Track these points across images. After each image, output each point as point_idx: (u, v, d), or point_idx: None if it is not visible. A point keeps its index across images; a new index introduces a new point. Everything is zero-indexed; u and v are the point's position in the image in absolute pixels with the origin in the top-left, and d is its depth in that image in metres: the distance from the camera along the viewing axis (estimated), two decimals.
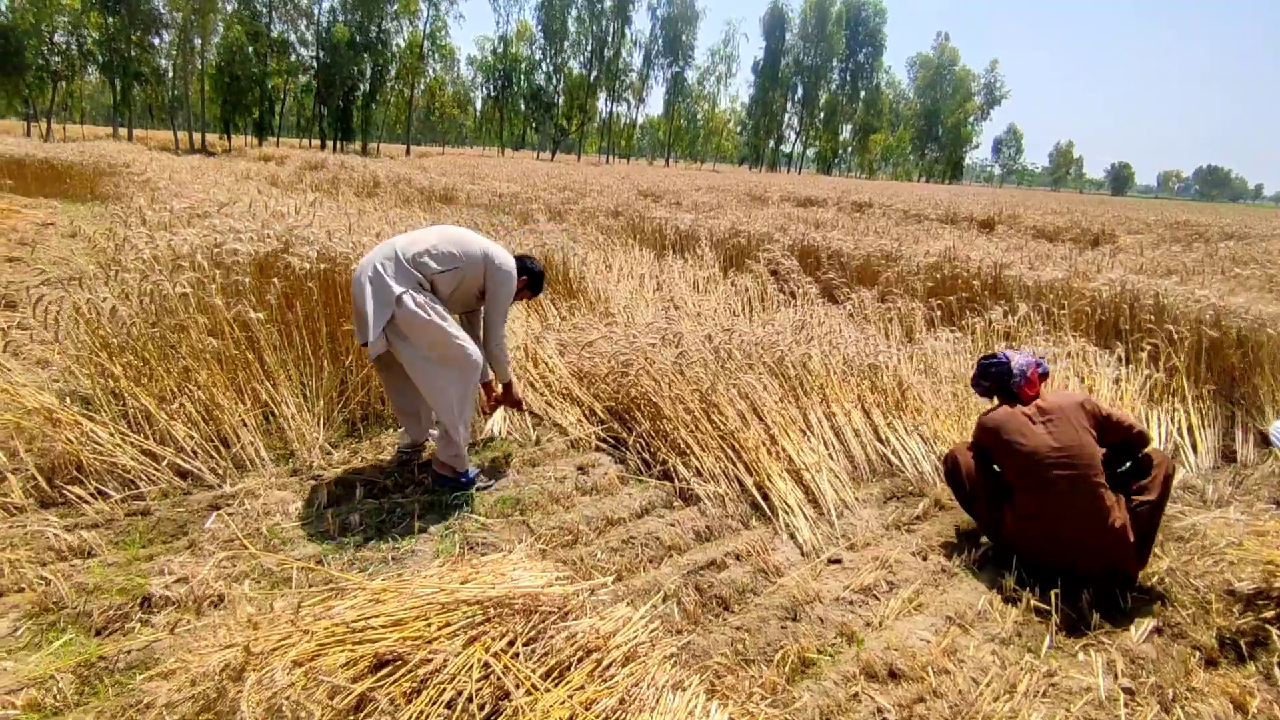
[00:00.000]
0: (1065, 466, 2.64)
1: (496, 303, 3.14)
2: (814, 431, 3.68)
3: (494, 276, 3.09)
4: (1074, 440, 2.69)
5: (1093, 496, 2.59)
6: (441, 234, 3.07)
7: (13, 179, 11.89)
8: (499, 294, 3.13)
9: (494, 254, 3.11)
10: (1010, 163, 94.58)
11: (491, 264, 3.08)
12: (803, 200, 15.70)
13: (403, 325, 2.86)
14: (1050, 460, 2.66)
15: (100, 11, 33.26)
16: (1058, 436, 2.71)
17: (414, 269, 2.92)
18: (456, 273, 3.01)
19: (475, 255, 3.05)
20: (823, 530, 3.03)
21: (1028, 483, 2.72)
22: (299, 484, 3.08)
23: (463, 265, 3.02)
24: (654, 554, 2.78)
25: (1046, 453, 2.68)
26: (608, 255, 6.94)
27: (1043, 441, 2.73)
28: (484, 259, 3.07)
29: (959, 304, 5.34)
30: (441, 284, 2.98)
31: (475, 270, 3.06)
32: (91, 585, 2.32)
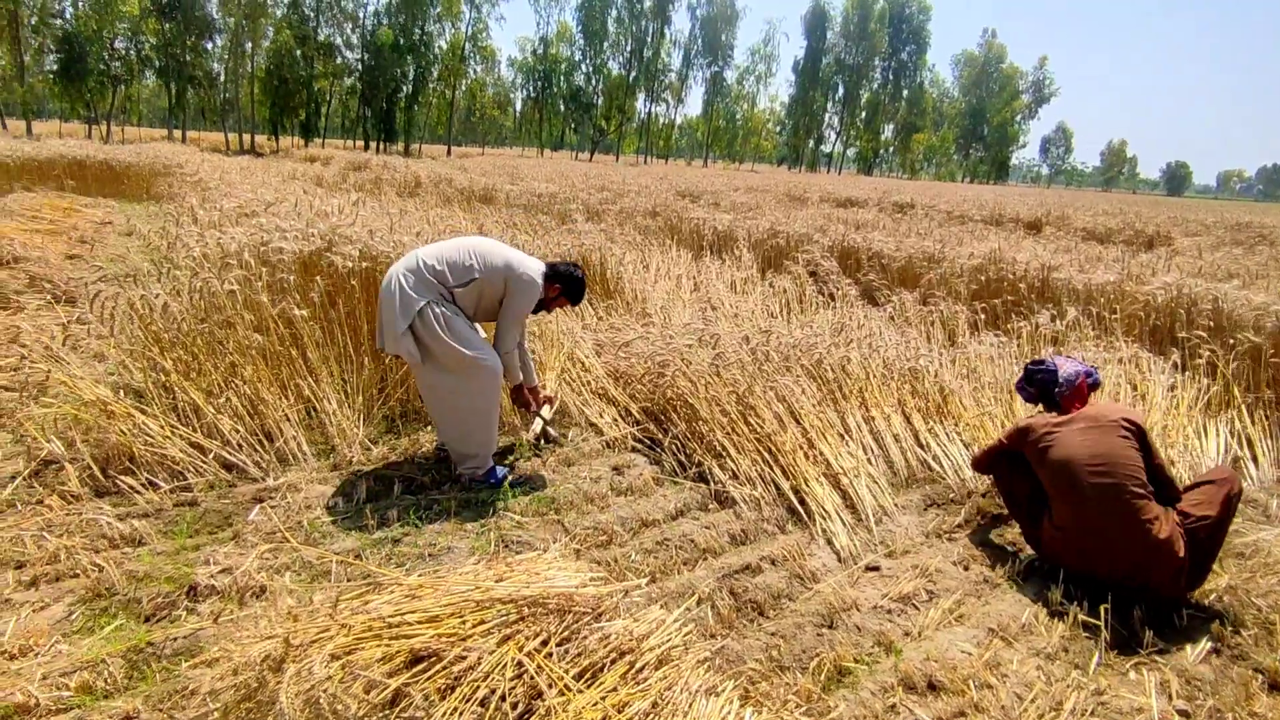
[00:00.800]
0: (1102, 475, 2.54)
1: (509, 310, 3.12)
2: (852, 435, 3.62)
3: (513, 285, 3.08)
4: (1112, 448, 2.59)
5: (1132, 508, 2.47)
6: (464, 246, 3.09)
7: (74, 179, 12.36)
8: (515, 302, 3.10)
9: (516, 263, 3.09)
10: (1059, 162, 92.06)
11: (512, 273, 3.07)
12: (843, 201, 15.49)
13: (423, 337, 2.94)
14: (1086, 469, 2.57)
15: (157, 18, 34.44)
16: (1095, 444, 2.62)
17: (435, 280, 2.97)
18: (474, 285, 3.04)
19: (496, 266, 3.05)
20: (860, 537, 2.98)
21: (1063, 492, 2.64)
22: (339, 479, 3.13)
23: (481, 277, 3.03)
24: (688, 556, 2.76)
25: (1083, 460, 2.59)
26: (645, 256, 6.93)
27: (1078, 449, 2.64)
28: (505, 269, 3.06)
29: (1004, 307, 5.20)
30: (460, 297, 3.03)
31: (496, 281, 3.06)
32: (141, 573, 2.39)
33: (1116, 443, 2.61)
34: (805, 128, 64.16)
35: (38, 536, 2.53)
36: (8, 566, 2.41)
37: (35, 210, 8.86)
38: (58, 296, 5.31)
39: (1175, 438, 3.52)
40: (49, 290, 5.39)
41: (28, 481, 2.91)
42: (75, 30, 32.73)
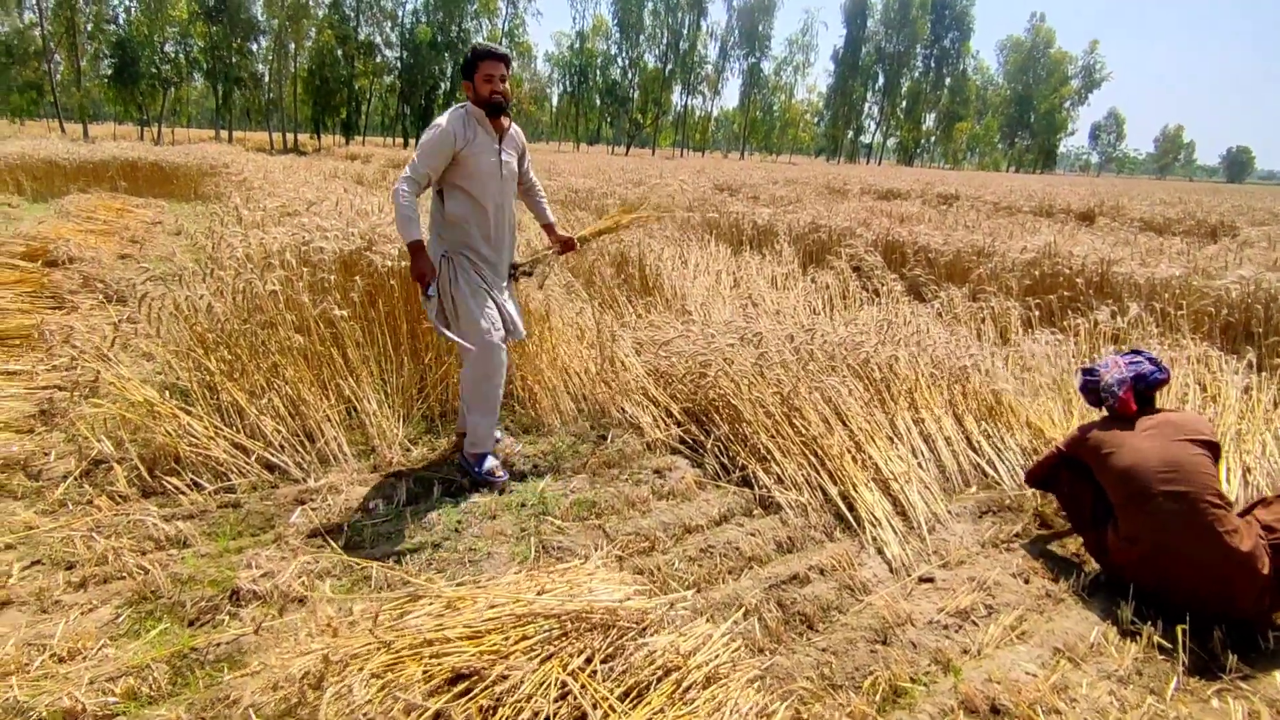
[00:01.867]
0: (1171, 483, 2.37)
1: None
2: (902, 438, 3.49)
3: None
4: (1182, 455, 2.42)
5: (1208, 519, 2.30)
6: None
7: (127, 180, 12.72)
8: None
9: None
10: (1110, 150, 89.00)
11: None
12: (884, 193, 15.15)
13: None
14: (1155, 476, 2.41)
15: (205, 21, 35.37)
16: (1164, 450, 2.46)
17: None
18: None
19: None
20: (913, 545, 2.85)
21: (1130, 501, 2.48)
22: (379, 480, 3.12)
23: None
24: (733, 565, 2.68)
25: (1151, 467, 2.43)
26: (683, 251, 6.82)
27: (1145, 455, 2.48)
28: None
29: (1060, 303, 4.98)
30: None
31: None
32: (185, 576, 2.40)
33: (1187, 449, 2.45)
34: (844, 118, 63.11)
35: (87, 537, 2.55)
36: (59, 567, 2.44)
37: (90, 211, 9.12)
38: (109, 296, 5.44)
39: (1252, 443, 3.31)
40: (101, 290, 5.52)
41: (78, 481, 2.96)
42: (128, 36, 33.81)
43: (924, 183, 18.33)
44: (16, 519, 2.67)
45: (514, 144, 3.17)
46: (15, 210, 10.03)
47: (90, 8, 33.42)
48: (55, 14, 32.76)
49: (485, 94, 2.94)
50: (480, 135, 2.97)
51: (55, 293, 5.25)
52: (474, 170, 2.96)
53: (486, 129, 2.99)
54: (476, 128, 2.97)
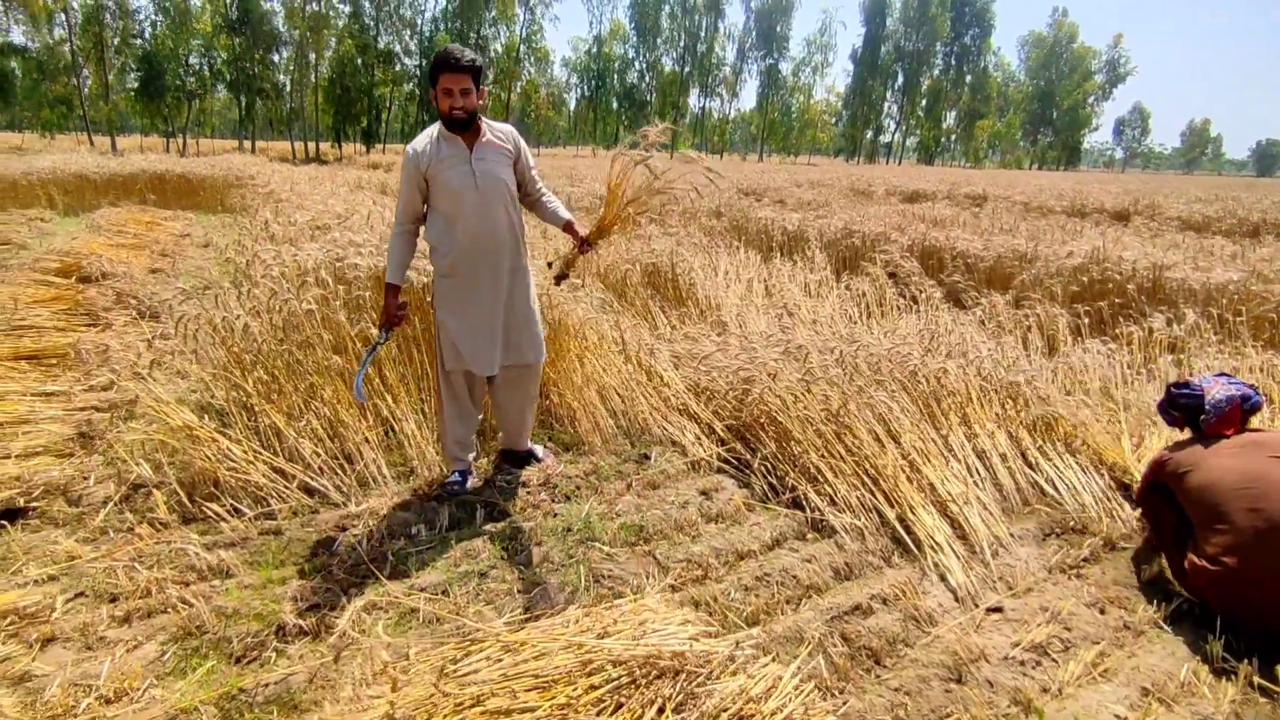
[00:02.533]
0: (1254, 500, 2.23)
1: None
2: (956, 456, 3.36)
3: None
4: (1267, 471, 2.28)
5: None
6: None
7: (155, 193, 12.86)
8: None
9: None
10: (1134, 145, 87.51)
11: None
12: (910, 194, 14.92)
13: None
14: (1234, 493, 2.27)
15: (228, 34, 35.85)
16: (1246, 467, 2.32)
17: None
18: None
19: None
20: (976, 571, 2.72)
21: (1207, 521, 2.34)
22: (420, 504, 3.04)
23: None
24: (791, 594, 2.57)
25: (1231, 483, 2.30)
26: (713, 258, 6.72)
27: (1223, 473, 2.34)
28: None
29: (1111, 310, 4.81)
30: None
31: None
32: (230, 609, 2.33)
33: (1275, 466, 2.30)
34: (863, 118, 62.62)
35: (129, 568, 2.50)
36: (103, 599, 2.39)
37: (120, 225, 9.21)
38: (142, 312, 5.44)
39: None
40: (134, 306, 5.53)
41: (118, 507, 2.92)
42: (154, 49, 34.35)
43: (949, 183, 18.06)
44: (59, 548, 2.63)
45: (495, 150, 2.87)
46: (48, 225, 10.16)
47: (118, 23, 34.00)
48: (84, 30, 33.37)
49: (444, 109, 2.74)
50: (446, 149, 2.79)
51: (90, 310, 5.26)
52: (444, 187, 2.80)
53: (454, 142, 2.80)
54: (442, 143, 2.80)
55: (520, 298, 3.04)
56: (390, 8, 41.44)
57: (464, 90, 2.70)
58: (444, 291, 2.96)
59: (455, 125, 2.77)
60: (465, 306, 2.93)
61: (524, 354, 3.08)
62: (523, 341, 3.07)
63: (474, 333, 2.94)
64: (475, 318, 2.93)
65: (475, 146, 2.82)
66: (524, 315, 3.06)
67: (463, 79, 2.68)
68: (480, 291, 2.93)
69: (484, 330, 2.95)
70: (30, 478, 3.00)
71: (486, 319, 2.94)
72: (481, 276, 2.91)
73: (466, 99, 2.72)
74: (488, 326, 2.95)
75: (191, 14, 35.60)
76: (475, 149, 2.81)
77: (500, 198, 2.88)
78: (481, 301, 2.93)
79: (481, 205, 2.83)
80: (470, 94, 2.72)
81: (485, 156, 2.83)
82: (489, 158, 2.84)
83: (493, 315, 2.95)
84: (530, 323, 3.09)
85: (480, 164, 2.81)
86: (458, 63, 2.67)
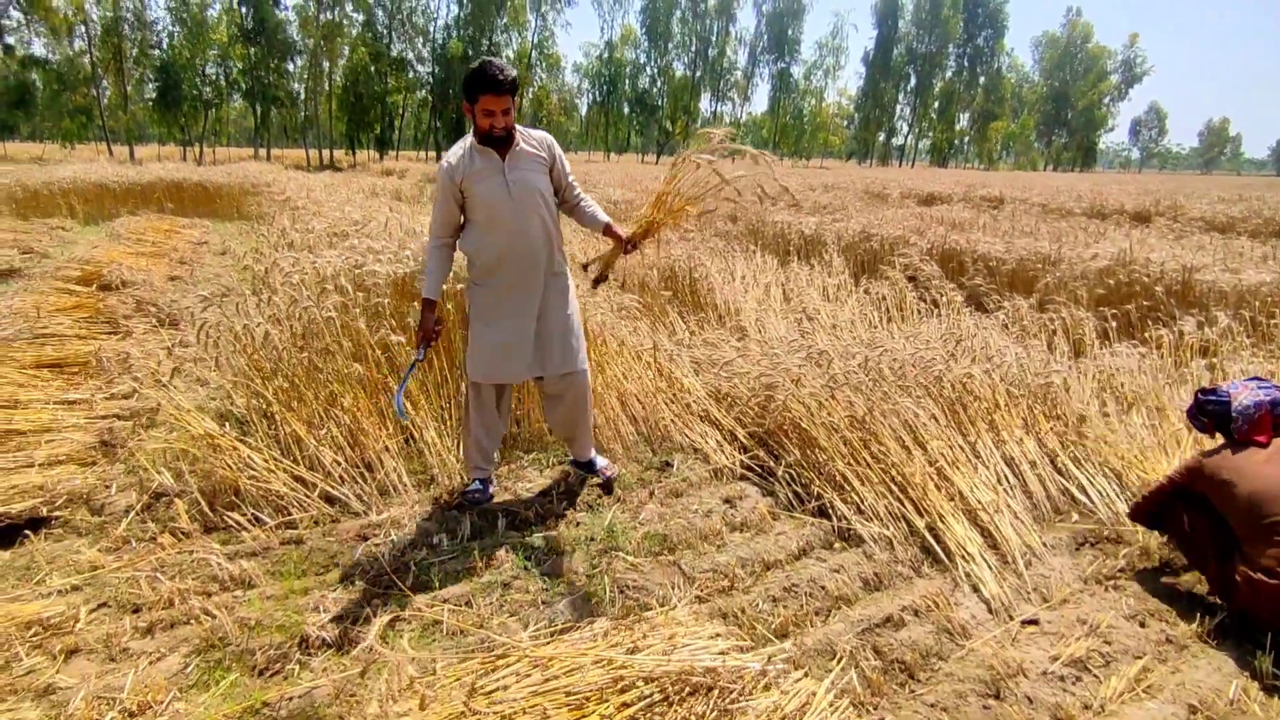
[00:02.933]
0: None
1: None
2: (985, 463, 3.29)
3: None
4: None
5: None
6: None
7: (172, 201, 12.98)
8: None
9: None
10: (1151, 145, 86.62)
11: None
12: (925, 197, 14.80)
13: None
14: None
15: (244, 43, 36.25)
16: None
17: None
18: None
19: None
20: (1009, 582, 2.66)
21: (1257, 532, 2.27)
22: (442, 513, 3.01)
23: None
24: (820, 605, 2.51)
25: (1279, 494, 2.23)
26: (730, 263, 6.67)
27: (1270, 481, 2.26)
28: None
29: (1139, 313, 4.71)
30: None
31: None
32: (253, 621, 2.31)
33: None
34: (876, 121, 62.37)
35: (151, 578, 2.49)
36: (125, 610, 2.37)
37: (140, 233, 9.29)
38: (162, 320, 5.47)
39: None
40: (154, 314, 5.56)
41: (140, 516, 2.91)
42: (171, 60, 34.78)
43: (964, 185, 17.90)
44: (81, 558, 2.63)
45: (529, 159, 2.82)
46: (69, 233, 10.26)
47: (136, 34, 34.47)
48: (103, 41, 33.84)
49: (484, 128, 2.69)
50: (480, 161, 2.75)
51: (110, 317, 5.29)
52: (478, 198, 2.76)
53: (488, 154, 2.75)
54: (475, 155, 2.76)
55: (557, 306, 2.97)
56: (403, 16, 41.77)
57: (505, 110, 2.66)
58: (478, 300, 2.93)
59: (493, 143, 2.74)
60: (499, 316, 2.88)
61: (562, 364, 2.99)
62: (561, 351, 2.98)
63: (505, 342, 2.89)
64: (508, 327, 2.88)
65: (509, 156, 2.76)
66: (561, 324, 2.97)
67: (504, 100, 2.63)
68: (514, 301, 2.87)
69: (515, 340, 2.89)
70: (53, 486, 3.00)
71: (519, 328, 2.88)
72: (516, 285, 2.86)
73: (507, 118, 2.68)
74: (520, 336, 2.89)
75: (208, 24, 36.02)
76: (509, 158, 2.76)
77: (535, 206, 2.81)
78: (515, 311, 2.87)
79: (516, 214, 2.78)
80: (510, 113, 2.68)
81: (519, 165, 2.78)
82: (523, 166, 2.80)
83: (525, 325, 2.89)
84: (569, 333, 3.00)
85: (514, 173, 2.77)
86: (500, 85, 2.59)
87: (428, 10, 43.10)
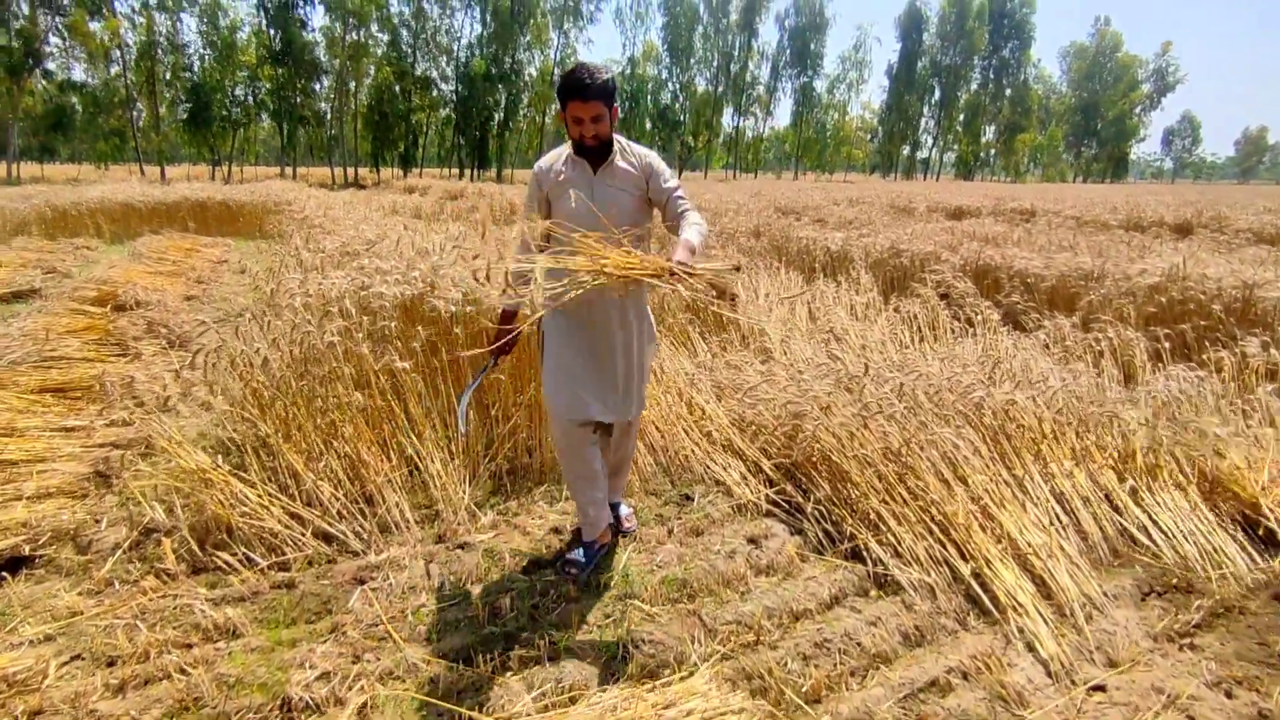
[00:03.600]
0: None
1: None
2: (1032, 499, 3.01)
3: None
4: None
5: None
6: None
7: (196, 221, 13.07)
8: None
9: None
10: (1185, 155, 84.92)
11: None
12: (954, 211, 14.46)
13: None
14: None
15: (272, 64, 36.97)
16: None
17: None
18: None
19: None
20: (1069, 639, 2.39)
21: None
22: (445, 553, 2.81)
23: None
24: (856, 664, 2.26)
25: None
26: (753, 280, 6.44)
27: None
28: None
29: (1196, 334, 4.40)
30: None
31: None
32: (233, 678, 2.12)
33: None
34: (899, 134, 61.88)
35: (130, 626, 2.31)
36: (100, 663, 2.20)
37: (161, 252, 9.30)
38: (171, 341, 5.36)
39: None
40: (164, 335, 5.46)
41: (127, 554, 2.74)
42: (201, 81, 35.57)
43: (993, 198, 17.51)
44: (60, 603, 2.46)
45: (622, 176, 2.51)
46: (93, 252, 10.32)
47: (169, 57, 35.30)
48: (138, 65, 34.70)
49: (574, 136, 2.44)
50: (570, 171, 2.51)
51: (120, 339, 5.19)
52: (560, 210, 2.50)
53: (580, 164, 2.51)
54: (568, 164, 2.52)
55: (637, 346, 2.65)
56: (427, 35, 42.34)
57: (595, 117, 2.37)
58: (551, 327, 2.64)
59: (584, 153, 2.49)
60: (571, 348, 2.59)
61: (627, 409, 2.69)
62: (627, 395, 2.67)
63: (571, 375, 2.59)
64: (578, 362, 2.59)
65: (601, 170, 2.49)
66: (638, 366, 2.67)
67: (594, 106, 2.35)
68: (590, 331, 2.57)
69: (585, 374, 2.58)
70: (39, 522, 2.85)
71: (591, 364, 2.59)
72: (594, 314, 2.55)
73: (599, 126, 2.39)
74: (591, 371, 2.59)
75: (237, 47, 36.82)
76: (600, 172, 2.49)
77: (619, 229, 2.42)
78: (590, 343, 2.58)
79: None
80: (603, 120, 2.40)
81: (609, 182, 2.50)
82: (613, 184, 2.51)
83: (597, 359, 2.59)
84: (642, 377, 2.73)
85: (602, 189, 2.49)
86: (587, 89, 2.32)
87: (452, 29, 43.66)
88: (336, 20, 38.27)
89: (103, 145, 36.81)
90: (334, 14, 37.91)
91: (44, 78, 32.86)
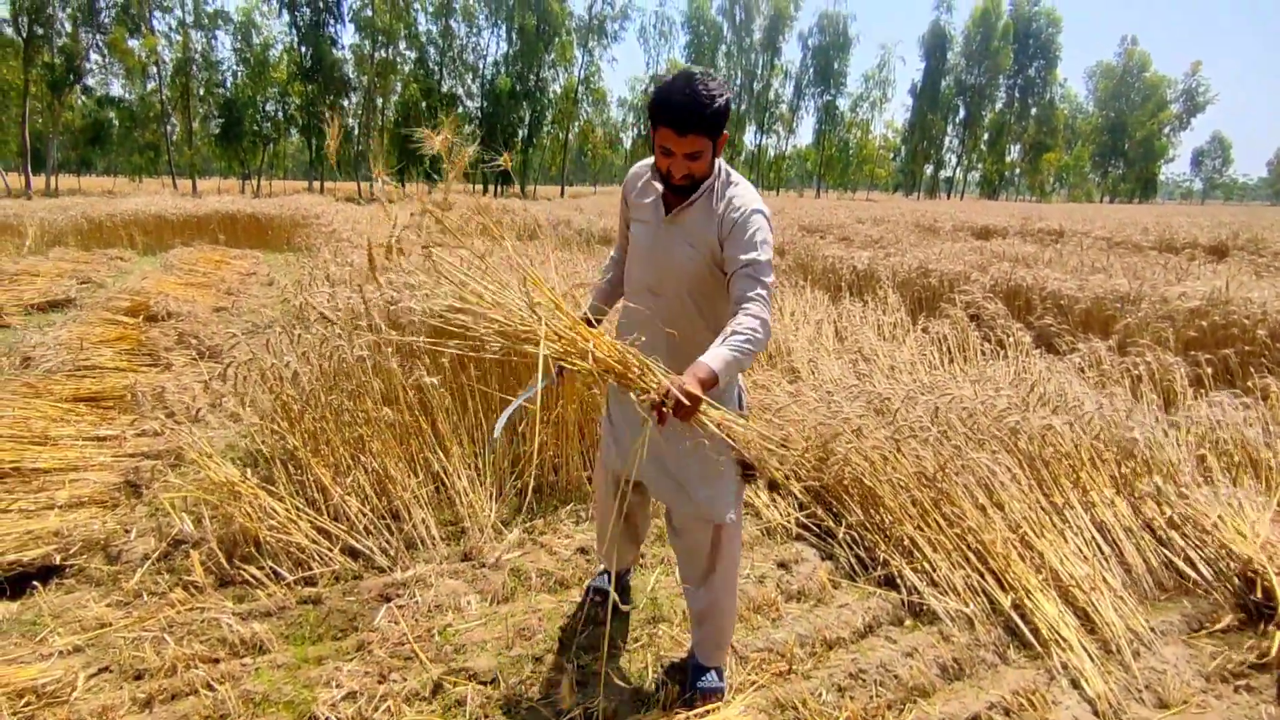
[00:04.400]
0: None
1: None
2: (1074, 529, 2.92)
3: None
4: None
5: None
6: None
7: (225, 233, 13.29)
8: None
9: None
10: (1215, 175, 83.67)
11: None
12: (980, 230, 14.32)
13: None
14: None
15: (302, 81, 37.72)
16: None
17: None
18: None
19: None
20: (1115, 677, 2.30)
21: None
22: (471, 572, 2.78)
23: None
24: (893, 698, 2.19)
25: None
26: (780, 300, 6.40)
27: None
28: None
29: (1240, 359, 4.28)
30: None
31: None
32: (259, 695, 2.09)
33: None
34: (923, 153, 61.62)
35: (158, 639, 2.30)
36: (127, 676, 2.19)
37: (192, 264, 9.44)
38: (201, 352, 5.42)
39: None
40: (194, 346, 5.52)
41: (156, 566, 2.74)
42: (234, 97, 36.37)
43: (1019, 218, 17.33)
44: (89, 613, 2.46)
45: (696, 224, 1.92)
46: (127, 264, 10.52)
47: (202, 73, 36.17)
48: (173, 81, 35.59)
49: (661, 169, 1.89)
50: (649, 194, 2.01)
51: (152, 350, 5.26)
52: (633, 236, 2.09)
53: (656, 193, 1.97)
54: (652, 185, 1.99)
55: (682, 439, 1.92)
56: (454, 53, 42.97)
57: (692, 154, 1.81)
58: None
59: (674, 189, 1.92)
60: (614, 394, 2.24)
61: (687, 498, 2.04)
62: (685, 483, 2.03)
63: (609, 417, 2.27)
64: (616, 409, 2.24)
65: (674, 211, 1.95)
66: (698, 455, 1.94)
67: (693, 141, 1.78)
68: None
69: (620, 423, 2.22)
70: (70, 531, 2.86)
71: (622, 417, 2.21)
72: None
73: (693, 164, 1.83)
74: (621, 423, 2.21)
75: (269, 63, 37.62)
76: (675, 211, 1.94)
77: (676, 287, 1.98)
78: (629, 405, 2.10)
79: (652, 283, 2.02)
80: (701, 158, 1.82)
81: (678, 229, 1.95)
82: (679, 233, 1.95)
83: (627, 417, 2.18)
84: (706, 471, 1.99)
85: (665, 236, 1.97)
86: (683, 122, 1.75)
87: (478, 47, 44.28)
88: (366, 38, 39.01)
89: (137, 159, 37.69)
90: (363, 32, 38.66)
91: (84, 93, 33.79)
